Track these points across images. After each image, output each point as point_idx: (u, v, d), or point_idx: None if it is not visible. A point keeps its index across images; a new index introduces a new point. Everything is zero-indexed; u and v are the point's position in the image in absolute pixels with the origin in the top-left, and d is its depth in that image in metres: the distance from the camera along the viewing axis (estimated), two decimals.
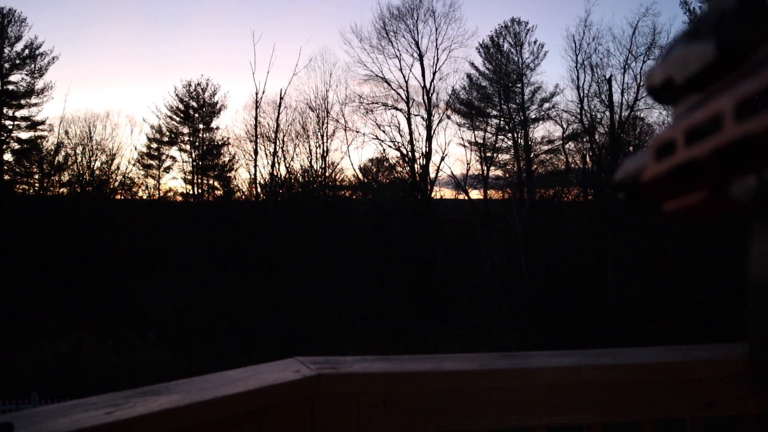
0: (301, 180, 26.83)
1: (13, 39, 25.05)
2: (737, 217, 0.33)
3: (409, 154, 25.54)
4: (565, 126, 25.01)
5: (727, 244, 18.24)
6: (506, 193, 25.88)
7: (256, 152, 25.96)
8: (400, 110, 25.70)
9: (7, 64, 25.04)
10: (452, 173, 26.24)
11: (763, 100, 0.27)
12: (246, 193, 27.39)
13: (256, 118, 25.88)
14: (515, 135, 25.81)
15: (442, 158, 25.53)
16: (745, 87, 0.28)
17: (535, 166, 25.96)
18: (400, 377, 1.29)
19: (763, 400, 1.40)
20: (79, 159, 25.48)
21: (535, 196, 24.58)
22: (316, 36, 48.27)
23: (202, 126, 27.80)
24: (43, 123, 25.72)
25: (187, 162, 27.52)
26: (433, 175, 25.39)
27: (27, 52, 25.27)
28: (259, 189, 26.64)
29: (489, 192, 26.45)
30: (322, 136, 26.18)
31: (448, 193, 27.58)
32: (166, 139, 27.61)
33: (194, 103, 27.64)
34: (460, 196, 26.81)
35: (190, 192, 27.83)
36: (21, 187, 25.88)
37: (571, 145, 25.18)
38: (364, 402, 1.26)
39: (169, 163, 27.61)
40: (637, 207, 0.39)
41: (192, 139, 27.68)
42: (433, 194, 25.88)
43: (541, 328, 18.02)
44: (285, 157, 26.21)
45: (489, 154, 26.09)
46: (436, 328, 18.51)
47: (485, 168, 26.09)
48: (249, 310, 18.90)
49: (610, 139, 23.26)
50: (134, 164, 27.02)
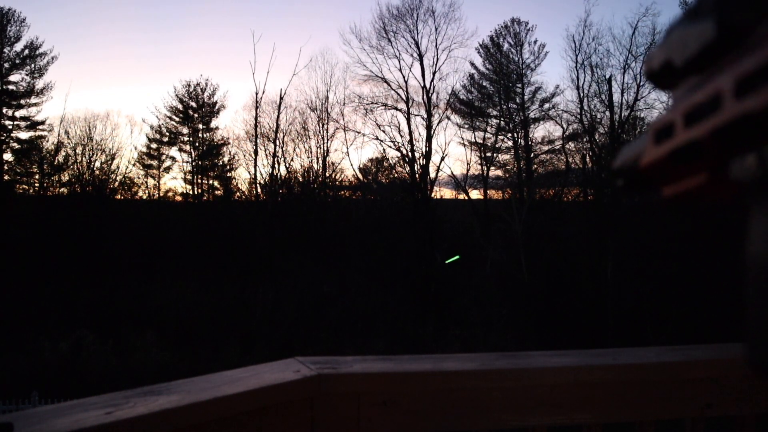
0: (301, 180, 26.86)
1: (12, 39, 25.07)
2: (737, 200, 0.32)
3: (409, 154, 25.56)
4: (565, 126, 25.04)
5: (726, 244, 18.24)
6: (506, 193, 25.87)
7: (256, 152, 25.97)
8: (400, 110, 25.72)
9: (7, 64, 25.05)
10: (452, 173, 26.27)
11: (763, 78, 0.26)
12: (246, 193, 27.43)
13: (256, 118, 25.89)
14: (515, 135, 25.82)
15: (442, 158, 25.55)
16: (744, 65, 0.27)
17: (535, 166, 25.96)
18: (400, 377, 1.29)
19: (764, 398, 1.40)
20: (79, 159, 25.51)
21: (535, 196, 24.58)
22: (317, 36, 48.32)
23: (201, 126, 27.82)
24: (43, 123, 25.75)
25: (187, 162, 27.56)
26: (433, 175, 25.41)
27: (27, 52, 25.29)
28: (259, 189, 26.66)
29: (489, 192, 26.47)
30: (323, 137, 26.22)
31: (448, 193, 27.62)
32: (166, 139, 27.63)
33: (194, 103, 27.66)
34: (460, 196, 26.84)
35: (190, 192, 27.85)
36: (21, 187, 25.90)
37: (571, 145, 25.20)
38: (364, 402, 1.26)
39: (169, 163, 27.66)
40: (636, 193, 0.38)
41: (192, 139, 27.69)
42: (433, 194, 25.91)
43: (541, 328, 18.02)
44: (285, 158, 26.24)
45: (489, 154, 26.10)
46: (436, 328, 18.53)
47: (485, 168, 26.11)
48: (249, 310, 18.92)
49: (610, 139, 23.26)
50: (134, 164, 27.06)
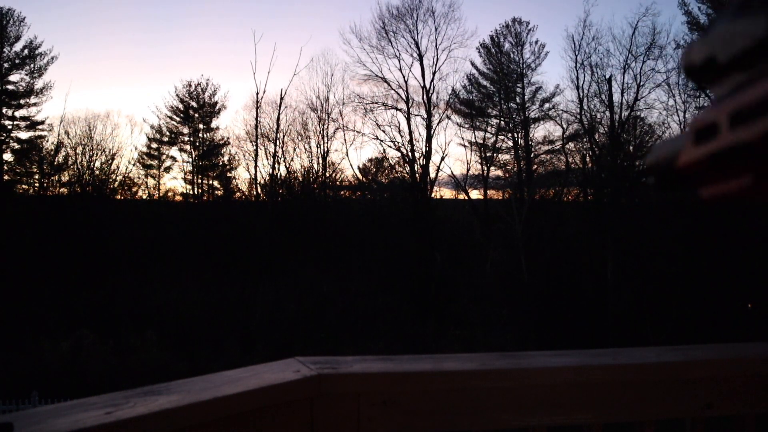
0: (301, 180, 26.86)
1: (12, 39, 25.06)
2: None
3: (409, 154, 25.56)
4: (565, 126, 25.03)
5: (727, 244, 18.26)
6: (506, 193, 25.87)
7: (257, 152, 25.97)
8: (400, 110, 25.72)
9: (7, 64, 25.04)
10: (452, 173, 26.27)
11: None
12: (246, 193, 27.44)
13: (257, 118, 25.89)
14: (515, 135, 25.82)
15: (442, 158, 25.55)
16: None
17: (535, 166, 25.96)
18: (400, 377, 1.29)
19: (764, 398, 1.40)
20: (79, 159, 25.51)
21: (535, 196, 24.57)
22: (317, 36, 48.36)
23: (202, 126, 27.82)
24: (43, 123, 25.74)
25: (188, 162, 27.57)
26: (433, 175, 25.42)
27: (26, 51, 25.28)
28: (259, 189, 26.66)
29: (489, 192, 26.46)
30: (323, 137, 26.22)
31: (448, 193, 27.61)
32: (166, 139, 27.64)
33: (194, 103, 27.66)
34: (460, 196, 26.84)
35: (190, 192, 27.86)
36: (21, 187, 25.90)
37: (571, 145, 25.19)
38: (364, 402, 1.26)
39: (169, 163, 27.67)
40: (668, 191, 0.37)
41: (192, 139, 27.70)
42: (433, 194, 25.91)
43: (541, 328, 18.03)
44: (285, 158, 26.25)
45: (489, 154, 26.09)
46: (436, 328, 18.53)
47: (485, 168, 26.11)
48: (249, 310, 18.92)
49: (610, 139, 23.26)
50: (134, 164, 27.07)
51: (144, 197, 27.31)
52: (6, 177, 24.97)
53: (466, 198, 26.53)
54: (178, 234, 23.40)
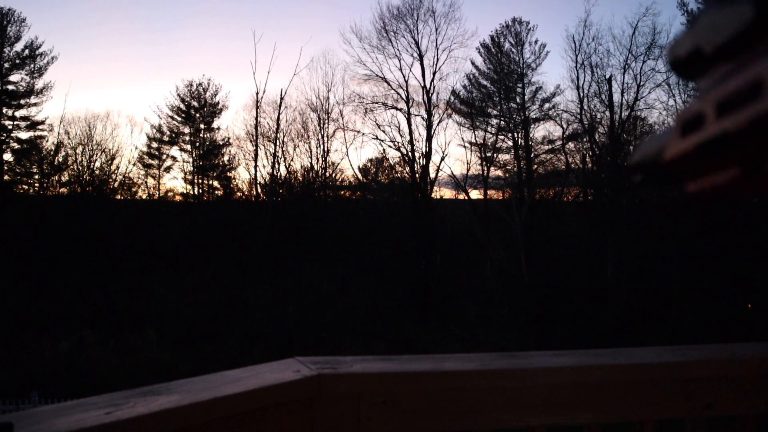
0: (301, 180, 26.86)
1: (12, 39, 25.05)
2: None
3: (409, 154, 25.56)
4: (565, 126, 25.02)
5: (726, 245, 18.25)
6: (506, 193, 25.87)
7: (257, 152, 25.98)
8: (400, 110, 25.72)
9: (7, 64, 25.03)
10: (452, 173, 26.25)
11: None
12: (246, 193, 27.44)
13: (257, 118, 25.89)
14: (515, 135, 25.81)
15: (442, 158, 25.55)
16: None
17: (535, 166, 25.94)
18: (400, 377, 1.29)
19: (764, 398, 1.39)
20: (79, 159, 25.50)
21: (535, 196, 24.56)
22: (317, 36, 48.34)
23: (203, 126, 27.80)
24: (43, 123, 25.72)
25: (188, 162, 27.55)
26: (433, 175, 25.41)
27: (27, 52, 25.27)
28: (259, 189, 26.67)
29: (489, 192, 26.45)
30: (323, 137, 26.22)
31: (448, 193, 27.60)
32: (167, 139, 27.61)
33: (196, 103, 27.64)
34: (460, 196, 26.82)
35: (191, 192, 27.85)
36: (21, 187, 25.89)
37: (571, 145, 25.19)
38: (364, 402, 1.26)
39: (169, 162, 27.64)
40: (656, 189, 0.36)
41: (193, 138, 27.68)
42: (433, 194, 25.90)
43: (541, 328, 18.02)
44: (285, 157, 26.25)
45: (489, 154, 26.08)
46: (436, 328, 18.53)
47: (485, 168, 26.09)
48: (249, 310, 18.91)
49: (610, 139, 23.26)
50: (134, 164, 27.05)
51: (144, 197, 27.33)
52: (6, 177, 24.96)
53: (466, 198, 26.53)
54: (178, 234, 23.40)
